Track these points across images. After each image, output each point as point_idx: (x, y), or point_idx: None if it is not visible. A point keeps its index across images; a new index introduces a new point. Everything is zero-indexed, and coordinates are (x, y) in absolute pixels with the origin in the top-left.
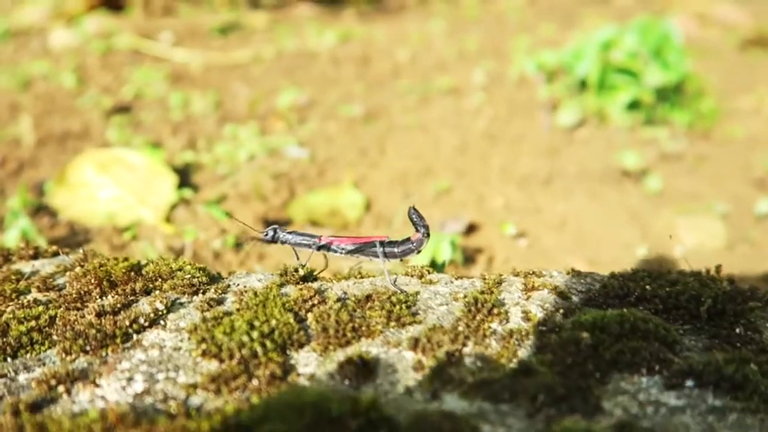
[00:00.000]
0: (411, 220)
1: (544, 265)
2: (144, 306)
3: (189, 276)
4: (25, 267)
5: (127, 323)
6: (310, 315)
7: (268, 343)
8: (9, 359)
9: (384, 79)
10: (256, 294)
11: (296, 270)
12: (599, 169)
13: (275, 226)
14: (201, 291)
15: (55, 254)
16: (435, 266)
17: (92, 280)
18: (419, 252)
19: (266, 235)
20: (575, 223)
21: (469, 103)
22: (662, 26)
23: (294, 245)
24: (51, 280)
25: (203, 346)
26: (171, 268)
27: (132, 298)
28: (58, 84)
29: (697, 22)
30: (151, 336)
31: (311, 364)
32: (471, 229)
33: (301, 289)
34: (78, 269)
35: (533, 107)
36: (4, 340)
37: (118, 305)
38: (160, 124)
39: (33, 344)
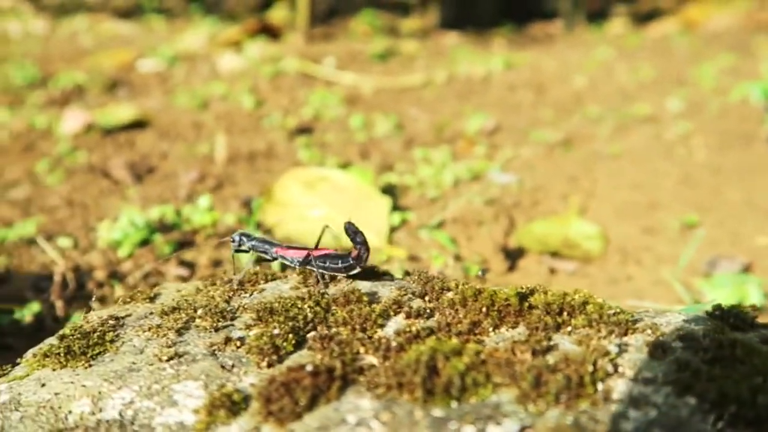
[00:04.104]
0: (348, 235)
1: None
2: (569, 345)
3: (612, 312)
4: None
5: (590, 369)
6: None
7: None
8: (454, 403)
9: (568, 105)
10: (733, 343)
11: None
12: None
13: (241, 231)
14: (629, 330)
15: (383, 274)
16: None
17: (482, 309)
18: (363, 268)
19: (233, 241)
20: None
21: (672, 131)
22: None
23: (257, 252)
24: (410, 304)
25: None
26: (572, 299)
27: (543, 333)
28: (236, 105)
29: None
30: (619, 387)
31: None
32: (745, 269)
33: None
34: (451, 295)
35: (751, 137)
36: (439, 380)
37: (543, 342)
38: (346, 145)
39: (476, 386)
